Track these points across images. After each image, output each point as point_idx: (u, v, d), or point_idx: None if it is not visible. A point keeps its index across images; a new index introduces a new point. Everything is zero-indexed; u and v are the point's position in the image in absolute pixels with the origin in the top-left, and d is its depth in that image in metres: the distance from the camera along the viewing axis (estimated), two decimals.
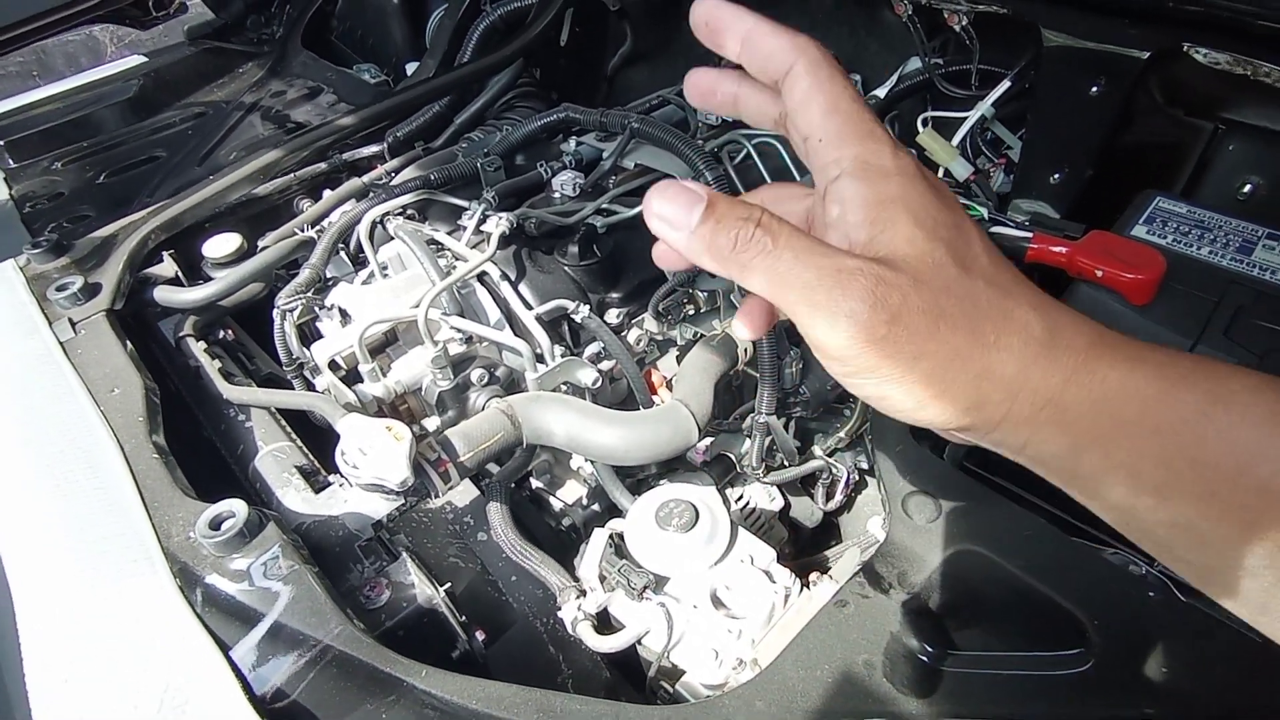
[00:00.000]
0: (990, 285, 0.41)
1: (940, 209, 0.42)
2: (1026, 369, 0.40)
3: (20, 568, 0.75)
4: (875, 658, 0.73)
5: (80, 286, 1.05)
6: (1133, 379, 0.39)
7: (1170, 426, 0.39)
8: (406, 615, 0.80)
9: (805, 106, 0.44)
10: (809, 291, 0.38)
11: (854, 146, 0.43)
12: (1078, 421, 0.40)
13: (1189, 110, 1.04)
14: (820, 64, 0.44)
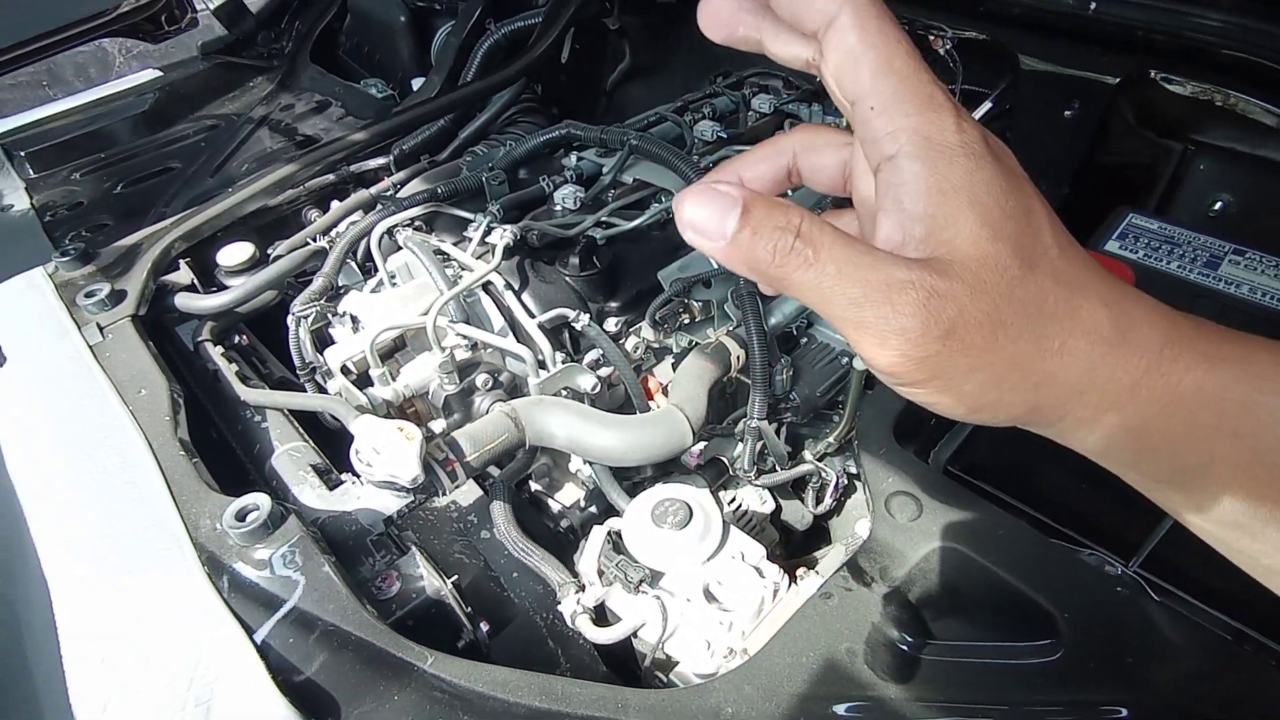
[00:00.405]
0: (1058, 283, 0.37)
1: (1008, 195, 0.37)
2: (1092, 372, 0.37)
3: (58, 556, 0.79)
4: (857, 646, 0.77)
5: (107, 293, 1.10)
6: (1210, 383, 0.36)
7: (1250, 430, 0.36)
8: (416, 605, 0.84)
9: (852, 66, 0.37)
10: (856, 309, 0.35)
11: (912, 117, 0.37)
12: (1146, 425, 0.37)
13: (1160, 132, 1.09)
14: (869, 12, 0.37)
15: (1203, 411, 0.36)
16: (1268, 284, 0.91)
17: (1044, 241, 0.37)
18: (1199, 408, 0.36)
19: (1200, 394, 0.36)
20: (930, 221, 0.36)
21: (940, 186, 0.36)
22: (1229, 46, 0.89)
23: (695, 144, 1.43)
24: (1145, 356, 0.36)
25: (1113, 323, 0.37)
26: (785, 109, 1.58)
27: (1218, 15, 0.89)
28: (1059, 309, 0.36)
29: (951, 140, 0.36)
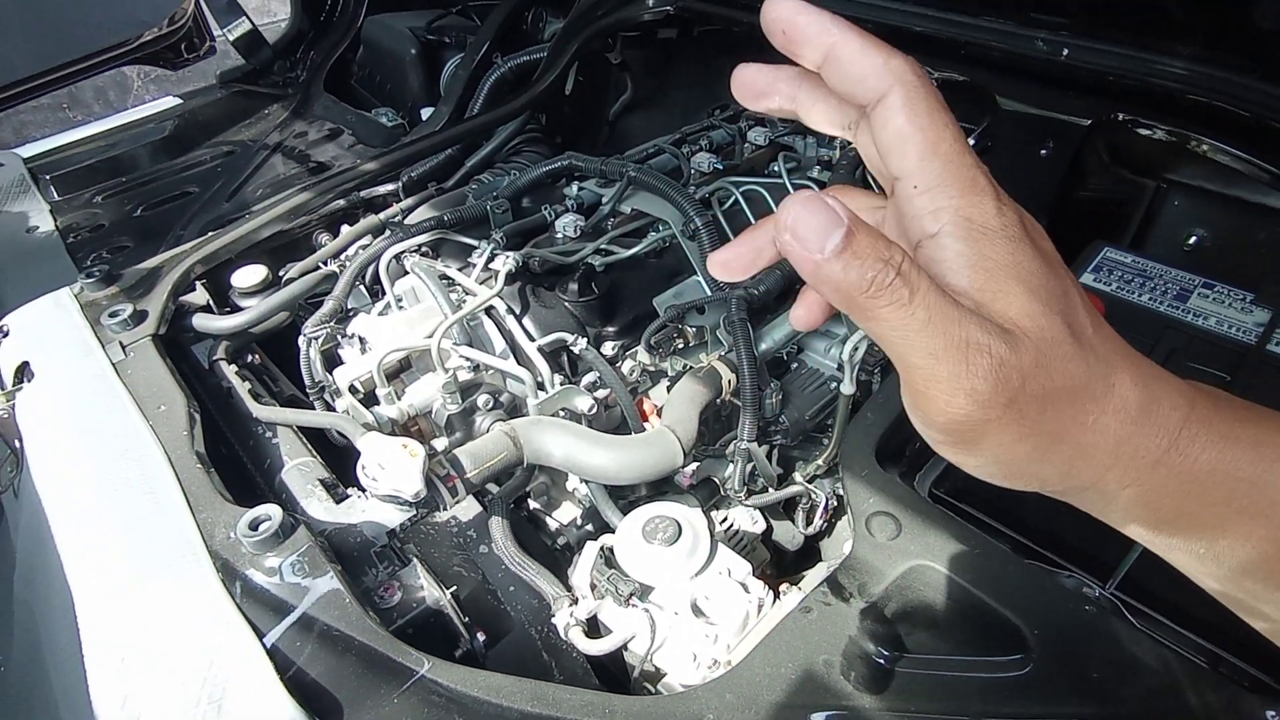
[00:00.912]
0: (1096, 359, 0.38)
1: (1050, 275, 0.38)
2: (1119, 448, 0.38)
3: (81, 563, 0.83)
4: (834, 658, 0.79)
5: (130, 313, 1.14)
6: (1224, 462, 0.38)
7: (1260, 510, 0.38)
8: (416, 614, 0.87)
9: (900, 146, 0.38)
10: (932, 360, 0.35)
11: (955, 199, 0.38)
12: (1163, 500, 0.39)
13: (1134, 170, 1.14)
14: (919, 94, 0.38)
15: (1215, 489, 0.38)
16: (1234, 316, 0.95)
17: (1082, 318, 0.39)
18: (1212, 485, 0.38)
19: (1214, 473, 0.38)
20: (978, 294, 0.37)
21: (984, 264, 0.37)
22: (1192, 92, 0.94)
23: (692, 175, 1.48)
24: (1166, 436, 0.38)
25: (1140, 401, 0.38)
26: (781, 141, 1.63)
27: (1180, 64, 0.94)
28: (1096, 385, 0.38)
29: (993, 223, 0.37)
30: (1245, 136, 0.92)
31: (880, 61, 0.38)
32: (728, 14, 1.49)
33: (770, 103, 0.43)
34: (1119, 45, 0.99)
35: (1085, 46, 1.02)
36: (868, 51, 0.38)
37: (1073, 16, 1.02)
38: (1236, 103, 0.91)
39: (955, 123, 0.38)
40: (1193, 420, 0.38)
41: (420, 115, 1.99)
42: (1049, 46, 1.05)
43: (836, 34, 0.38)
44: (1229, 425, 0.38)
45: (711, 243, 1.23)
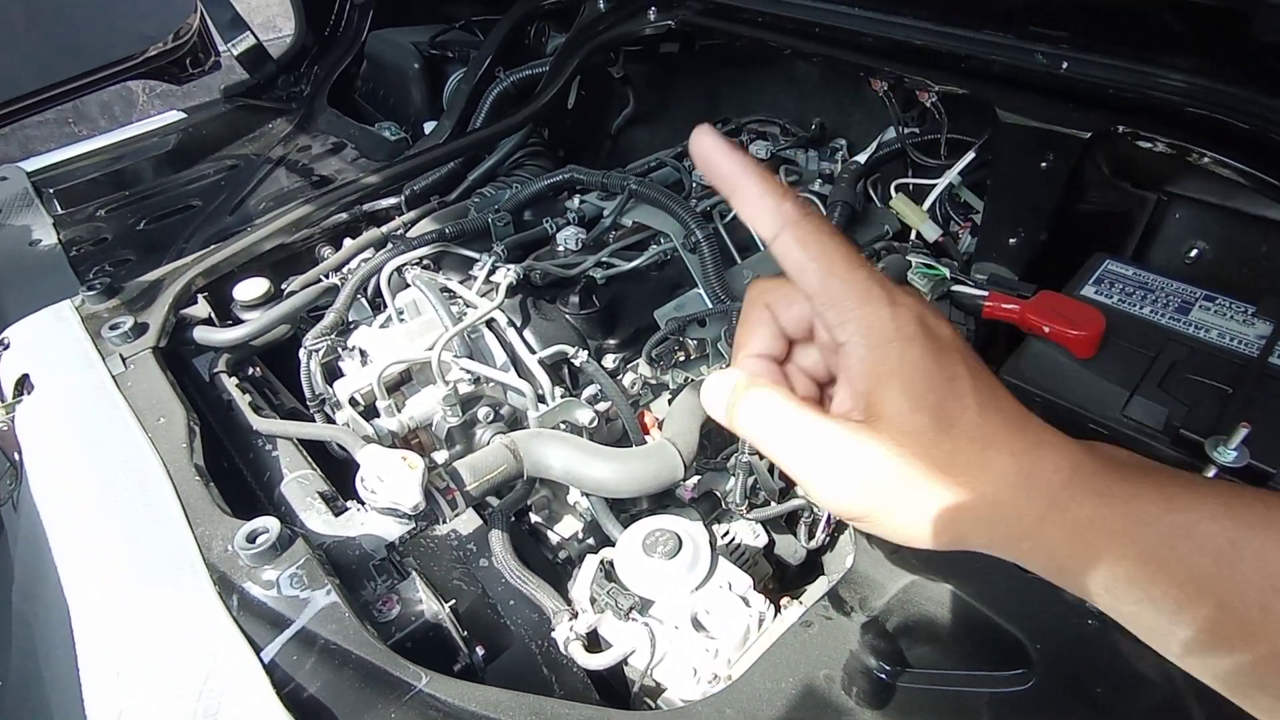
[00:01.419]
0: (972, 440, 0.45)
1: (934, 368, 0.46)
2: (1000, 510, 0.45)
3: (76, 575, 0.83)
4: (835, 673, 0.79)
5: (130, 326, 1.15)
6: (1100, 516, 0.44)
7: (1136, 555, 0.43)
8: (414, 629, 0.86)
9: (801, 274, 0.46)
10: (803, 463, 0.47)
11: (854, 310, 0.46)
12: (1057, 551, 0.45)
13: (1135, 183, 1.13)
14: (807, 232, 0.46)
15: (1096, 539, 0.44)
16: (1235, 329, 0.95)
17: (964, 403, 0.46)
18: (1093, 536, 0.44)
19: (1092, 525, 0.44)
20: (868, 397, 0.46)
21: (876, 370, 0.46)
22: (1192, 105, 0.94)
23: (694, 188, 1.48)
24: (1047, 497, 0.45)
25: (1018, 469, 0.45)
26: (782, 155, 1.63)
27: (1180, 76, 0.94)
28: (970, 460, 0.45)
29: (888, 328, 0.45)
30: (1246, 149, 0.92)
31: (773, 206, 0.46)
32: (729, 28, 1.49)
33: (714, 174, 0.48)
34: (1119, 58, 0.99)
35: (1085, 60, 1.02)
36: (764, 196, 0.46)
37: (1072, 30, 1.02)
38: (1236, 115, 0.91)
39: (846, 243, 0.46)
40: (1074, 480, 0.45)
41: (423, 129, 2.00)
42: (1049, 60, 1.05)
43: (741, 178, 0.47)
44: (1108, 483, 0.45)
45: (713, 255, 1.23)
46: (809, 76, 1.70)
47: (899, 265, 1.30)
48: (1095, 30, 1.01)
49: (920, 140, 1.44)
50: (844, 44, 1.31)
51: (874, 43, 1.26)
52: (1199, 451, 0.82)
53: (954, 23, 1.15)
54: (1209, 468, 0.81)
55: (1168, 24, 0.92)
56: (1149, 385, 0.90)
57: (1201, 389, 0.89)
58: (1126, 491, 0.45)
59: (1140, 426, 0.88)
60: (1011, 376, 0.96)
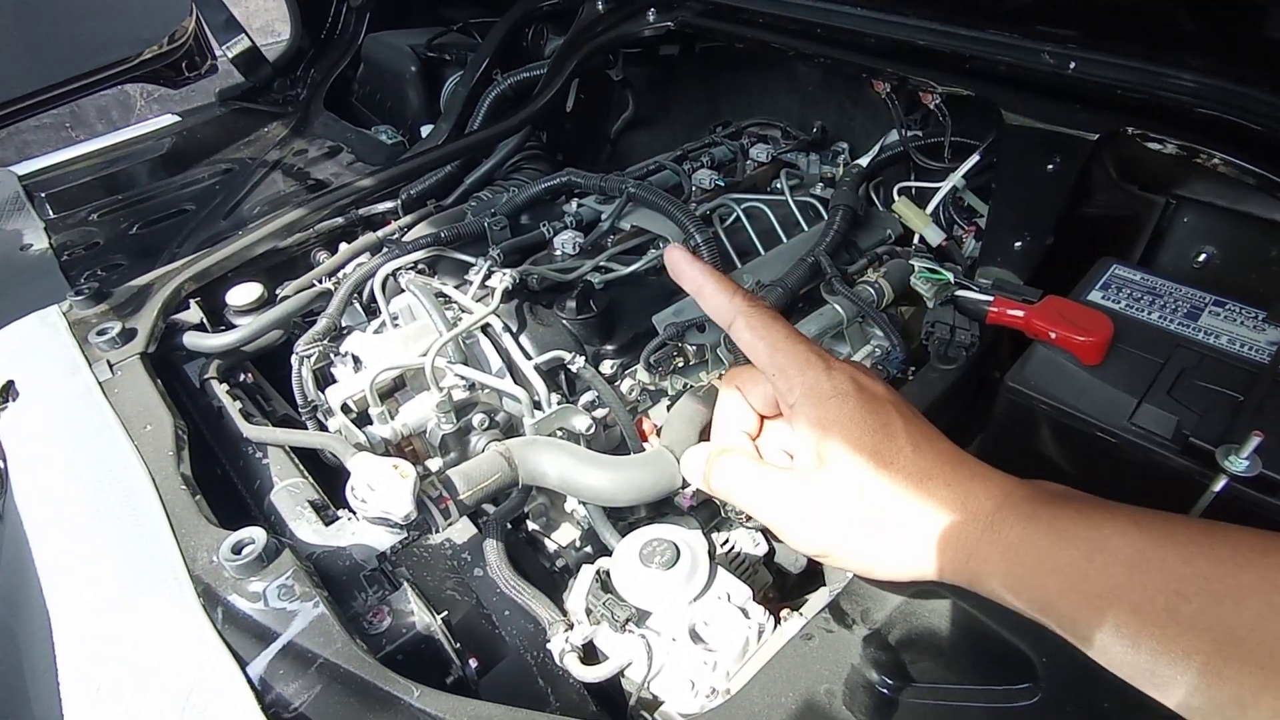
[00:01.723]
0: (907, 476, 0.53)
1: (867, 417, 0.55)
2: (943, 536, 0.52)
3: (58, 585, 0.81)
4: (836, 687, 0.77)
5: (118, 331, 1.12)
6: (1030, 534, 0.50)
7: (1061, 569, 0.49)
8: (405, 641, 0.84)
9: (752, 351, 0.59)
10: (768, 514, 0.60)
11: (798, 377, 0.57)
12: (996, 570, 0.51)
13: (1142, 186, 1.12)
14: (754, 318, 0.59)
15: (1026, 556, 0.50)
16: (1246, 335, 0.93)
17: (899, 444, 0.55)
18: (1024, 553, 0.51)
19: (1023, 543, 0.51)
20: (816, 448, 0.56)
21: (820, 423, 0.56)
22: (1202, 105, 0.92)
23: (693, 192, 1.47)
24: (981, 521, 0.52)
25: (954, 497, 0.53)
26: (783, 158, 1.61)
27: (1190, 76, 0.92)
28: (909, 492, 0.53)
29: (825, 387, 0.56)
30: (1257, 150, 0.90)
31: (726, 300, 0.61)
32: (729, 30, 1.47)
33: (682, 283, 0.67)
34: (1127, 58, 0.97)
35: (1093, 59, 1.00)
36: (720, 292, 0.62)
37: (1080, 29, 1.01)
38: (1247, 115, 0.89)
39: (787, 325, 0.60)
40: (1004, 506, 0.52)
41: (420, 133, 1.99)
42: (1056, 60, 1.03)
43: (702, 280, 0.63)
44: (1034, 508, 0.52)
45: (712, 259, 1.21)
46: (810, 79, 1.68)
47: (902, 270, 1.28)
48: (1103, 29, 0.99)
49: (923, 143, 1.42)
50: (846, 45, 1.30)
51: (876, 43, 1.24)
52: (1210, 460, 0.80)
53: (958, 22, 1.13)
54: (1220, 477, 0.79)
55: (1178, 22, 0.91)
56: (1158, 392, 0.89)
57: (1212, 396, 0.87)
58: (1049, 513, 0.51)
59: (1149, 435, 0.86)
60: (1016, 383, 0.94)
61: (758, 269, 1.33)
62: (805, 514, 0.56)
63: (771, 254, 1.37)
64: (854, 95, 1.62)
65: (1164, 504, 0.84)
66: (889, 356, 1.20)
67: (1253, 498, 0.78)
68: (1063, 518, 0.51)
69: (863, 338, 1.24)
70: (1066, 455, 0.94)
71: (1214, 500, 0.81)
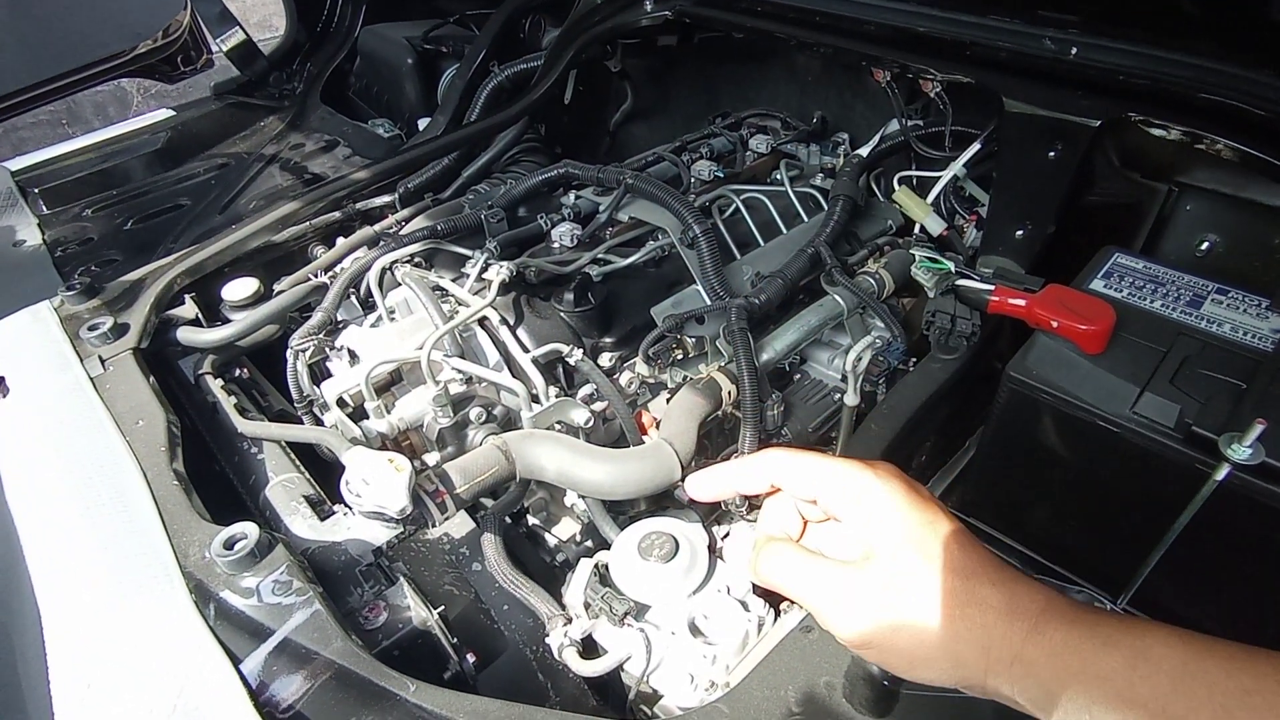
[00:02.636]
0: (953, 572, 0.54)
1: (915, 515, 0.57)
2: (989, 632, 0.52)
3: (49, 582, 0.80)
4: (836, 679, 0.77)
5: (110, 326, 1.12)
6: (1074, 638, 0.51)
7: (1105, 675, 0.49)
8: (401, 636, 0.84)
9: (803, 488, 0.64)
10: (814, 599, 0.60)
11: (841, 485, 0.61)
12: (1041, 672, 0.51)
13: (1145, 173, 1.11)
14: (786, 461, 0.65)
15: (1071, 659, 0.50)
16: (1249, 323, 0.92)
17: (945, 542, 0.56)
18: (1069, 656, 0.50)
19: (1067, 646, 0.51)
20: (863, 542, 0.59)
21: (867, 519, 0.59)
22: (1206, 90, 0.91)
23: (692, 183, 1.46)
24: (1028, 620, 0.52)
25: (1001, 597, 0.53)
26: (783, 149, 1.60)
27: (1193, 61, 0.91)
28: (956, 589, 0.54)
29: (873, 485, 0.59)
30: (1261, 136, 0.89)
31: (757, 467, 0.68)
32: (727, 18, 1.46)
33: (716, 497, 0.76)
34: (1129, 43, 0.96)
35: (1094, 45, 0.99)
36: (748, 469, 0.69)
37: (1081, 14, 0.99)
38: (1252, 100, 0.88)
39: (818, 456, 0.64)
40: (1048, 608, 0.53)
41: (418, 125, 1.98)
42: (1057, 45, 1.02)
43: (727, 476, 0.71)
44: (1076, 613, 0.52)
45: (710, 250, 1.20)
46: (810, 69, 1.67)
47: (903, 260, 1.27)
48: (1105, 13, 0.98)
49: (924, 132, 1.41)
50: (845, 32, 1.28)
51: (876, 31, 1.23)
52: (1212, 449, 0.79)
53: (959, 8, 1.12)
54: (1223, 466, 0.79)
55: (1180, 6, 0.90)
56: (1160, 381, 0.88)
57: (1215, 385, 0.86)
58: (1092, 619, 0.52)
59: (1151, 424, 0.85)
60: (1018, 373, 0.93)
61: (757, 260, 1.32)
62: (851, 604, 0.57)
63: (771, 245, 1.36)
64: (854, 85, 1.60)
65: (1167, 493, 0.84)
66: (890, 347, 1.19)
67: (1256, 486, 0.77)
68: (1105, 624, 0.51)
69: (864, 329, 1.23)
70: (1069, 445, 0.93)
71: (1217, 489, 0.80)
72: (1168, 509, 0.86)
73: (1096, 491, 0.94)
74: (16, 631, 0.84)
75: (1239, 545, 0.84)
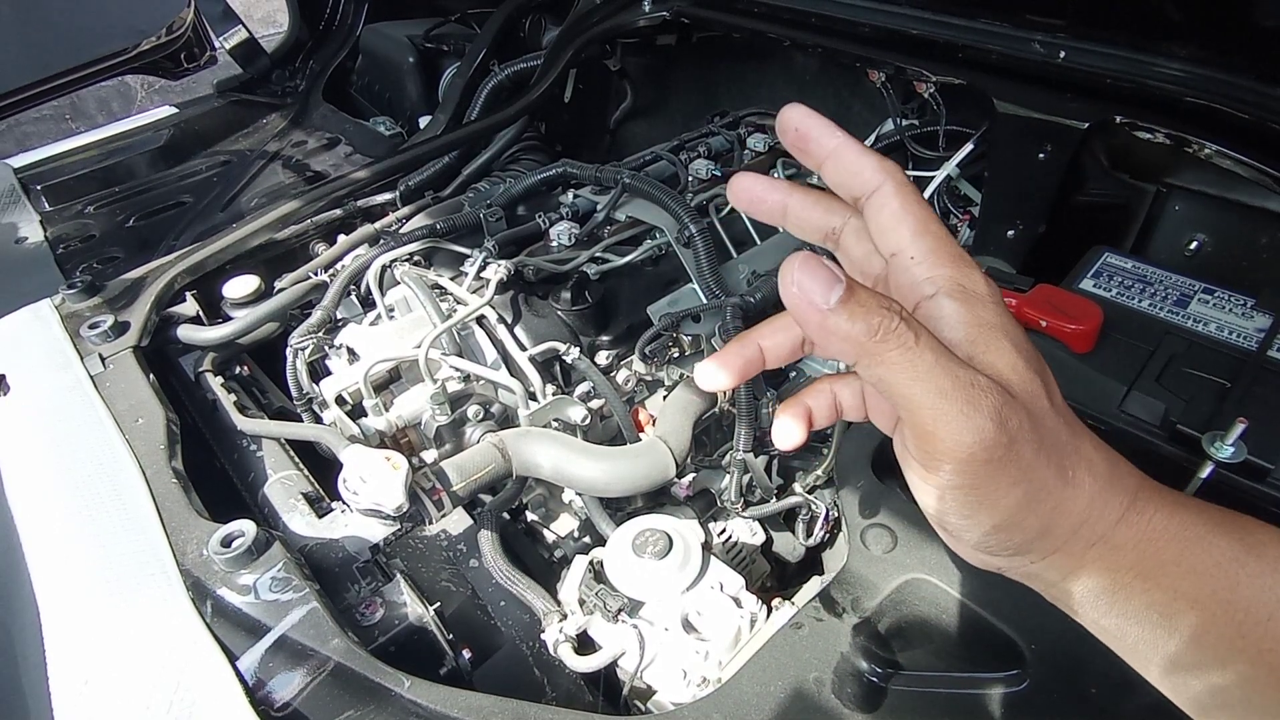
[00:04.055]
0: (1067, 423, 0.43)
1: (1029, 341, 0.43)
2: (1091, 504, 0.42)
3: (48, 579, 0.81)
4: (825, 675, 0.77)
5: (110, 324, 1.13)
6: (1174, 521, 0.42)
7: (1206, 569, 0.41)
8: (398, 632, 0.85)
9: (895, 225, 0.44)
10: (941, 399, 0.38)
11: (948, 268, 0.43)
12: (1123, 559, 0.42)
13: (1134, 174, 1.11)
14: (908, 187, 0.44)
15: (1168, 547, 0.41)
16: (1234, 322, 0.93)
17: (1053, 385, 0.43)
18: (1165, 543, 0.41)
19: (1167, 530, 0.42)
20: (970, 347, 0.41)
21: (978, 321, 0.42)
22: (1191, 94, 0.92)
23: (690, 182, 1.46)
24: (1126, 495, 0.42)
25: (1106, 463, 0.43)
26: (780, 148, 1.61)
27: (1178, 65, 0.92)
28: (1069, 444, 0.42)
29: (982, 289, 0.43)
30: (1245, 139, 0.90)
31: (875, 160, 0.44)
32: (725, 19, 1.47)
33: (762, 207, 0.48)
34: (1116, 47, 0.97)
35: (1082, 48, 1.00)
36: (865, 153, 0.44)
37: (1069, 18, 1.00)
38: (1236, 104, 0.89)
39: (937, 215, 0.45)
40: (1146, 486, 0.43)
41: (419, 123, 1.98)
42: (1046, 49, 1.03)
43: (840, 138, 0.45)
44: (1174, 495, 0.43)
45: (707, 249, 1.21)
46: (807, 69, 1.68)
47: None
48: (1092, 18, 0.99)
49: (919, 132, 1.41)
50: (840, 34, 1.29)
51: (871, 33, 1.24)
52: (1196, 447, 0.80)
53: (951, 11, 1.13)
54: (1206, 464, 0.80)
55: (1166, 11, 0.91)
56: (1146, 380, 0.89)
57: (1199, 383, 0.87)
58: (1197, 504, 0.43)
59: (1137, 422, 0.86)
60: None
61: (753, 259, 1.33)
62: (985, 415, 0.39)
63: (767, 244, 1.37)
64: (850, 85, 1.61)
65: None
66: None
67: (1238, 484, 0.78)
68: (1213, 511, 0.43)
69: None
70: None
71: (1201, 486, 0.81)
72: None
73: None
74: (16, 628, 0.85)
75: None
